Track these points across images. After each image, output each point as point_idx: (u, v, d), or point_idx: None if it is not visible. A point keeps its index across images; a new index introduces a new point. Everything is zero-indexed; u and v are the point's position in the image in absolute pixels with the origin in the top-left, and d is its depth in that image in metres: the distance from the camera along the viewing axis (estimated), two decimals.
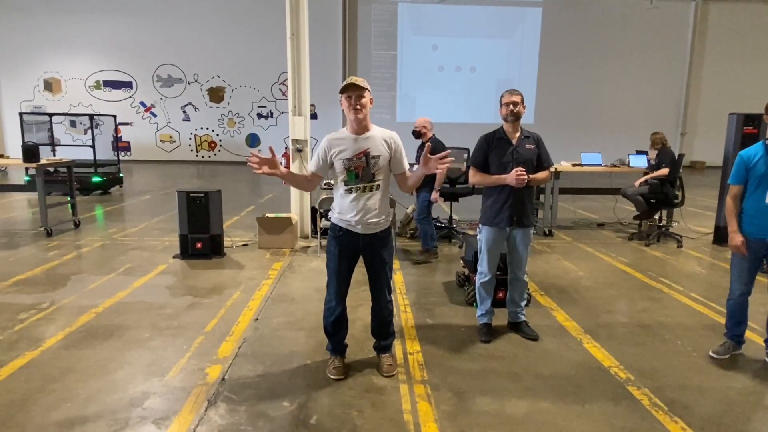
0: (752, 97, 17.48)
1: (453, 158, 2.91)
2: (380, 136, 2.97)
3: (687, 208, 8.30)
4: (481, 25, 17.97)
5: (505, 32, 18.14)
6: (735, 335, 3.47)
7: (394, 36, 18.03)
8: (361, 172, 2.92)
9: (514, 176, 3.46)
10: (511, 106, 3.51)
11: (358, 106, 2.84)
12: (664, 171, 6.57)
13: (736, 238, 3.26)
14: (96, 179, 10.63)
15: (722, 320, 3.80)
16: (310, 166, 3.05)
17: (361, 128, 2.93)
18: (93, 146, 10.76)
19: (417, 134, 5.76)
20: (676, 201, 6.64)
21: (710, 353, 3.47)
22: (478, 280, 3.79)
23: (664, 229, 6.99)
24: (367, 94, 2.88)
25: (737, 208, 3.32)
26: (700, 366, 3.33)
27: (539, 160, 3.65)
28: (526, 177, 3.47)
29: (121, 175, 11.55)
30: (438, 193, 5.65)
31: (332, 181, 3.08)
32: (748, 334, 3.53)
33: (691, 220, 8.13)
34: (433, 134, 5.72)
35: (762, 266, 3.36)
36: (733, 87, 18.37)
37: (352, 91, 2.84)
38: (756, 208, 3.22)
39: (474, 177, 3.73)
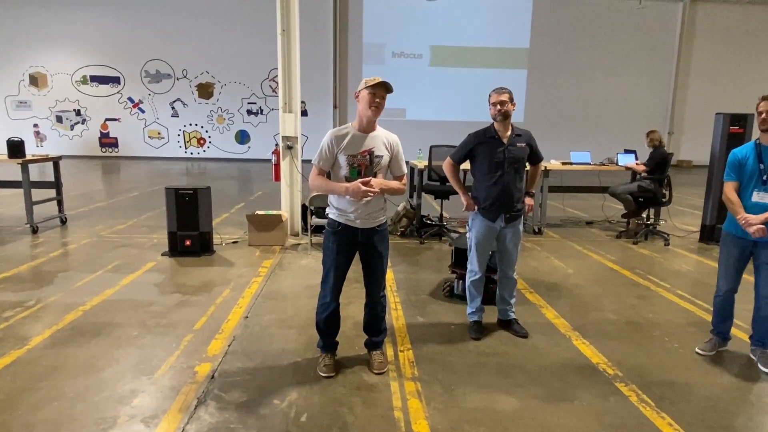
0: (738, 97, 17.73)
1: None
2: (383, 138, 3.02)
3: (674, 207, 8.40)
4: (472, 22, 17.99)
5: (496, 30, 18.17)
6: (721, 332, 3.52)
7: (386, 33, 17.97)
8: (364, 169, 2.96)
9: (466, 204, 3.70)
10: (499, 106, 3.49)
11: (380, 105, 2.91)
12: (642, 168, 6.74)
13: (751, 220, 3.13)
14: None
15: (708, 317, 3.86)
16: (317, 162, 3.00)
17: (370, 126, 2.98)
18: None
19: None
20: (663, 200, 6.73)
21: (697, 350, 3.52)
22: (468, 278, 3.80)
23: (651, 227, 7.07)
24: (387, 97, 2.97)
25: (737, 198, 3.24)
26: (687, 362, 3.38)
27: (531, 157, 3.72)
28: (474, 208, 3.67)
29: None
30: None
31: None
32: (733, 330, 3.59)
33: (678, 218, 8.22)
34: None
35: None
36: (720, 87, 18.59)
37: (381, 90, 2.89)
38: (743, 206, 3.23)
39: (448, 171, 3.80)
